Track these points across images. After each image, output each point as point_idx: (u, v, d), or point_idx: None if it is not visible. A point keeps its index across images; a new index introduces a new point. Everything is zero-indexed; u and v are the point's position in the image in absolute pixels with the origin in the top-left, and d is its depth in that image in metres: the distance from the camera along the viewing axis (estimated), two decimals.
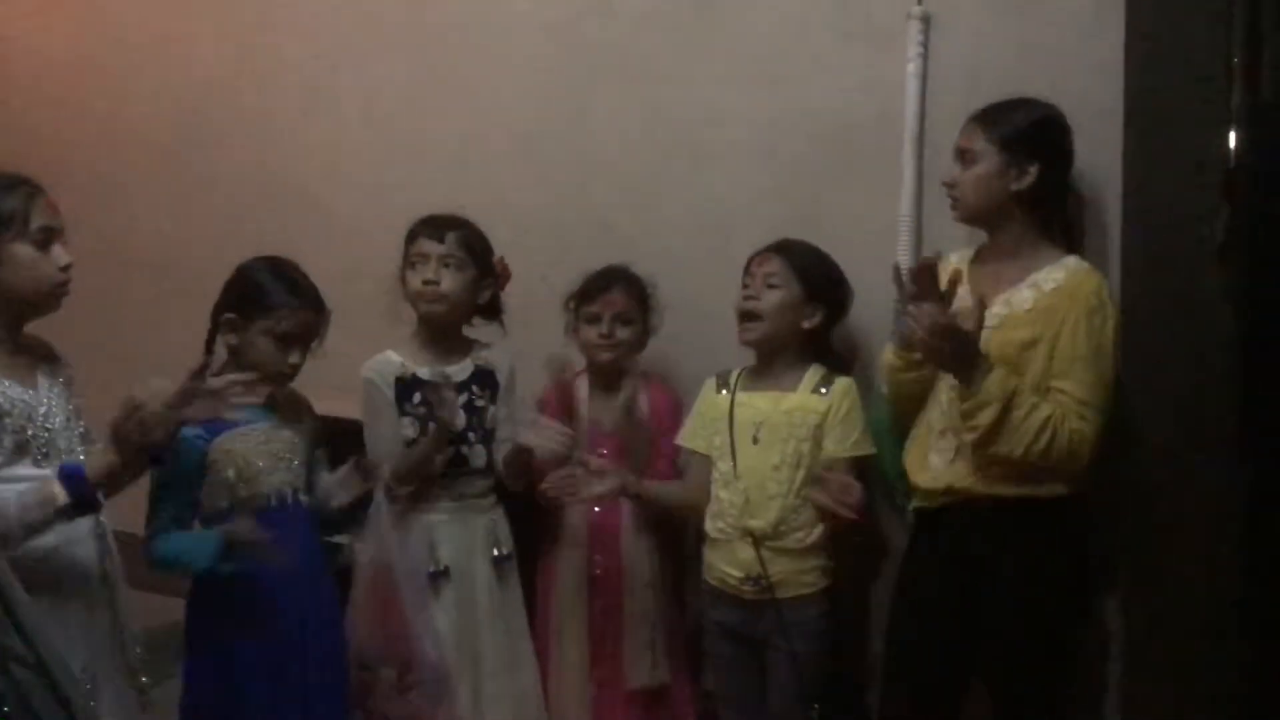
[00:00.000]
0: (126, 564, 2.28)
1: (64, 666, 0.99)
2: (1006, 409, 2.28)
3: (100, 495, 2.05)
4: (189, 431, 2.39)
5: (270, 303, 2.47)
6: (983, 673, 2.51)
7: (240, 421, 2.46)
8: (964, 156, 2.46)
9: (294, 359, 2.49)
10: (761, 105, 2.99)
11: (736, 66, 3.02)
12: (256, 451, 2.49)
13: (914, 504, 2.56)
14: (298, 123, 3.67)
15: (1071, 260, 2.44)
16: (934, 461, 2.46)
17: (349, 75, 3.59)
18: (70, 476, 2.00)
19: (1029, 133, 2.43)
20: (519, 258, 2.93)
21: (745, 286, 2.70)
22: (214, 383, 2.13)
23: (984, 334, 2.34)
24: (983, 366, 2.29)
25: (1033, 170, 2.42)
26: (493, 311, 2.88)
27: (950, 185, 2.49)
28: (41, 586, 2.05)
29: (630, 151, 3.17)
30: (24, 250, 2.09)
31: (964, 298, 2.43)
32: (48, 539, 2.04)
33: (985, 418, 2.29)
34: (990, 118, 2.45)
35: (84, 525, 2.14)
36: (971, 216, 2.51)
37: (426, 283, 2.73)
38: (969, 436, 2.35)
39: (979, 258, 2.54)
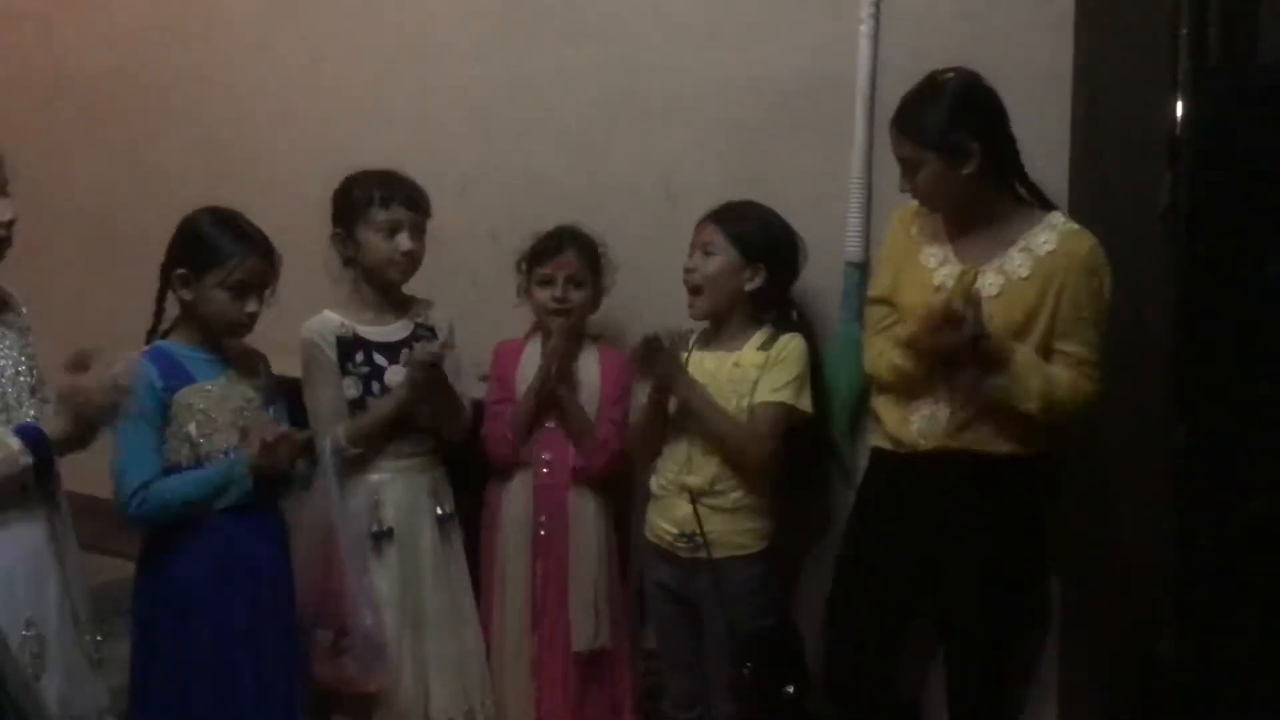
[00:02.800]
0: (76, 523, 2.25)
1: None
2: (1048, 390, 2.27)
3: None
4: (153, 381, 2.40)
5: (220, 254, 2.43)
6: (939, 624, 2.53)
7: (199, 377, 2.45)
8: (906, 165, 2.39)
9: (250, 308, 2.45)
10: (712, 64, 2.97)
11: (687, 24, 3.00)
12: (217, 407, 2.47)
13: (876, 444, 2.55)
14: (237, 76, 3.60)
15: (1058, 220, 2.39)
16: (919, 428, 2.43)
17: (291, 28, 3.53)
18: (31, 438, 1.96)
19: (956, 111, 2.34)
20: (465, 216, 2.91)
21: (689, 255, 2.69)
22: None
23: (985, 304, 2.32)
24: (1012, 355, 2.27)
25: (975, 152, 2.34)
26: None
27: (912, 191, 2.41)
28: None
29: (578, 110, 3.14)
30: None
31: (947, 259, 2.43)
32: None
33: (1032, 405, 2.28)
34: (909, 120, 2.37)
35: (34, 486, 2.11)
36: (946, 209, 2.44)
37: (405, 253, 2.69)
38: (999, 395, 2.31)
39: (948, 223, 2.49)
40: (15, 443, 1.97)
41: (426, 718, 2.72)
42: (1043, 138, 2.55)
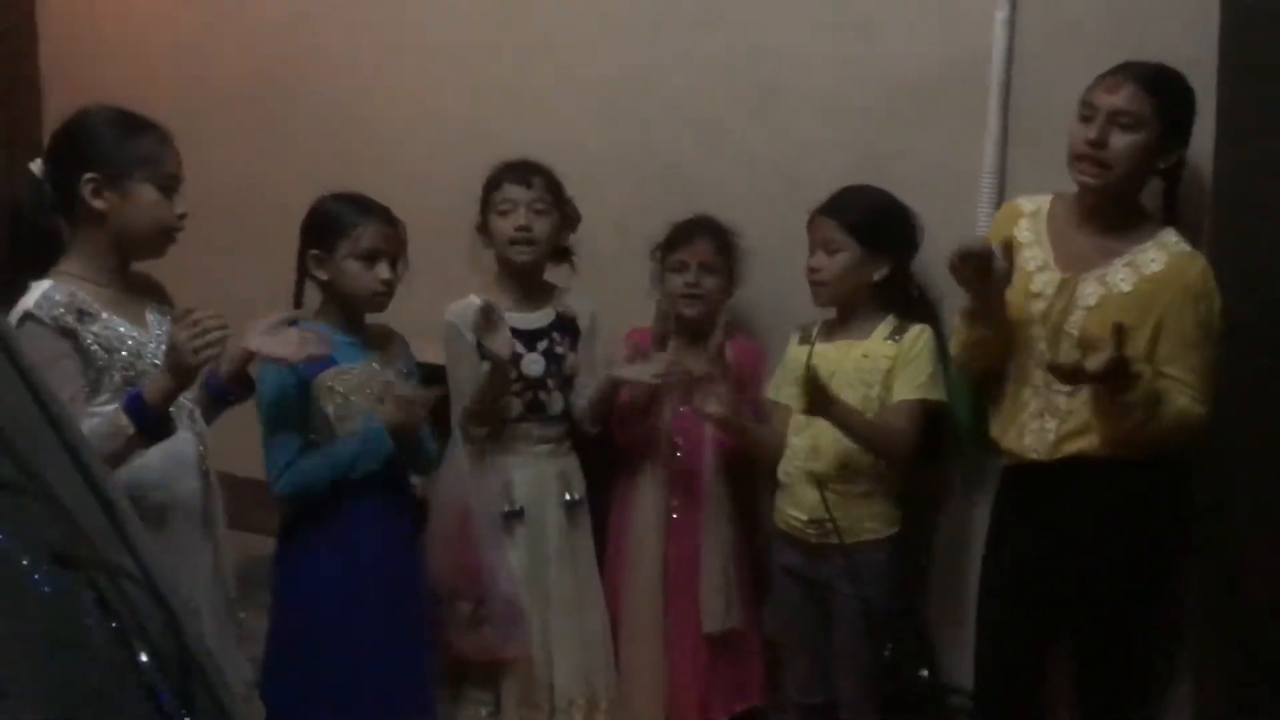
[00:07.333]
0: (227, 502, 2.34)
1: (170, 584, 1.02)
2: (1155, 406, 2.22)
3: (169, 419, 2.10)
4: (287, 372, 2.47)
5: (345, 225, 2.54)
6: (1071, 630, 2.50)
7: (340, 360, 2.53)
8: (1118, 118, 2.27)
9: (384, 275, 2.54)
10: (842, 51, 2.93)
11: (816, 11, 2.96)
12: (356, 391, 2.55)
13: (1005, 463, 2.52)
14: (375, 67, 3.67)
15: (1170, 238, 2.34)
16: (1030, 441, 2.40)
17: (427, 20, 3.58)
18: (132, 404, 2.04)
19: (1189, 104, 2.33)
20: (592, 206, 2.94)
21: (810, 252, 2.69)
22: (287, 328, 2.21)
23: (1080, 314, 2.32)
24: (1134, 380, 2.21)
25: (1182, 150, 2.33)
26: (563, 254, 2.90)
27: (1099, 145, 2.28)
28: (147, 520, 2.11)
29: (705, 98, 3.13)
30: (150, 192, 2.15)
31: (1047, 264, 2.39)
32: (153, 474, 2.10)
33: (1135, 418, 2.23)
34: (1155, 82, 2.28)
35: (189, 462, 2.20)
36: (1111, 186, 2.32)
37: (519, 229, 2.75)
38: (1115, 429, 2.28)
39: (1057, 213, 2.45)
40: (121, 417, 2.02)
41: (551, 696, 2.78)
42: None
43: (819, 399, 2.52)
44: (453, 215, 2.85)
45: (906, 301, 2.73)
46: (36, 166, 2.18)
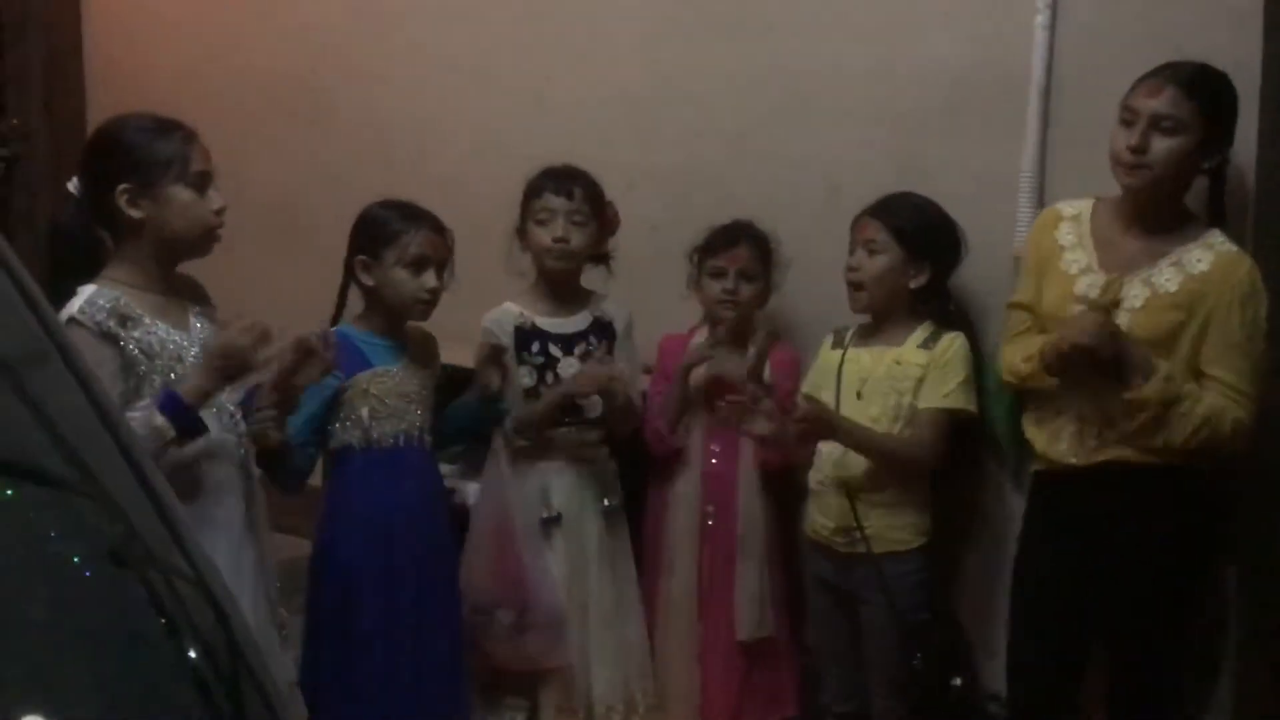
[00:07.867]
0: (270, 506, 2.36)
1: (221, 583, 1.03)
2: (1168, 405, 2.21)
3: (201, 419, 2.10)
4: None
5: (394, 232, 2.54)
6: (1105, 635, 2.48)
7: (377, 363, 2.55)
8: (1160, 122, 2.24)
9: (430, 283, 2.55)
10: (877, 57, 2.93)
11: (854, 17, 2.96)
12: (390, 392, 2.57)
13: (1036, 468, 2.51)
14: (410, 76, 3.70)
15: (1217, 239, 2.31)
16: (1066, 446, 2.38)
17: (461, 30, 3.61)
18: (170, 405, 2.03)
19: (1231, 105, 2.30)
20: (627, 210, 2.95)
21: (851, 252, 2.68)
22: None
23: (1125, 316, 2.29)
24: (1141, 367, 2.22)
25: (1226, 150, 2.31)
26: (601, 258, 2.90)
27: (1140, 150, 2.25)
28: (193, 520, 2.12)
29: (741, 103, 3.14)
30: (183, 193, 2.15)
31: (1090, 267, 2.37)
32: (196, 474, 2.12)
33: (1147, 415, 2.23)
34: (1196, 84, 2.25)
35: (232, 467, 2.21)
36: (1155, 188, 2.30)
37: (557, 240, 2.75)
38: (1129, 426, 2.27)
39: (1099, 216, 2.43)
40: (159, 418, 2.01)
41: (589, 703, 2.78)
42: None
43: (824, 425, 2.54)
44: (487, 222, 2.86)
45: (943, 312, 2.71)
46: (73, 185, 2.20)
